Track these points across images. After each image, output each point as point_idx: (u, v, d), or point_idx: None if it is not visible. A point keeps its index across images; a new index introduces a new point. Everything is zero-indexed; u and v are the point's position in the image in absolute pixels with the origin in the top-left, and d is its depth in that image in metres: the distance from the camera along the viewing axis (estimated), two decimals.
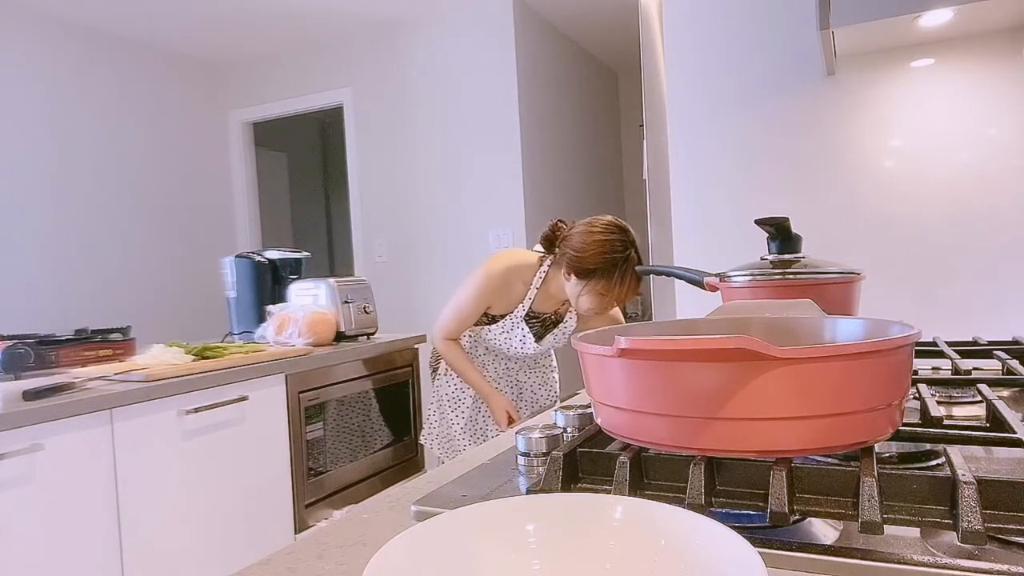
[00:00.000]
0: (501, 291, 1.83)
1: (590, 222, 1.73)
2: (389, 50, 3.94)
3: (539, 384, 2.08)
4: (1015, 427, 0.54)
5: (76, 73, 3.65)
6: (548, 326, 1.92)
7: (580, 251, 1.68)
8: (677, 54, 1.50)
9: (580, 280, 1.70)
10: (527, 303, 1.83)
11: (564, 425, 0.73)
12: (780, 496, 0.43)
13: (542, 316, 1.89)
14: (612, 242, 1.68)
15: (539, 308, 1.87)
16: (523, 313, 1.84)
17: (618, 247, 1.68)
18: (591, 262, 1.67)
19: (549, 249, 1.80)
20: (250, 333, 2.39)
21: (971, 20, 1.16)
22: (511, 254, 1.90)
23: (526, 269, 1.84)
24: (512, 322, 1.85)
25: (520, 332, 1.85)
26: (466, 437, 1.93)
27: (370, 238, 4.06)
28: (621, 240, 1.69)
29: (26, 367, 1.80)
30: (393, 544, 0.36)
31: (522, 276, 1.83)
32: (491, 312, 1.86)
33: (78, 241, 3.61)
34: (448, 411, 1.95)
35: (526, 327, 1.85)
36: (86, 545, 1.51)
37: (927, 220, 1.29)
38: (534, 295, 1.83)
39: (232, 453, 1.87)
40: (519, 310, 1.84)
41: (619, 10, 3.83)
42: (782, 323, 0.65)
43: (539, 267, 1.83)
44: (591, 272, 1.68)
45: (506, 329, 1.86)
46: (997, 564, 0.38)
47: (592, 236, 1.68)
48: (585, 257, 1.67)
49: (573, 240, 1.71)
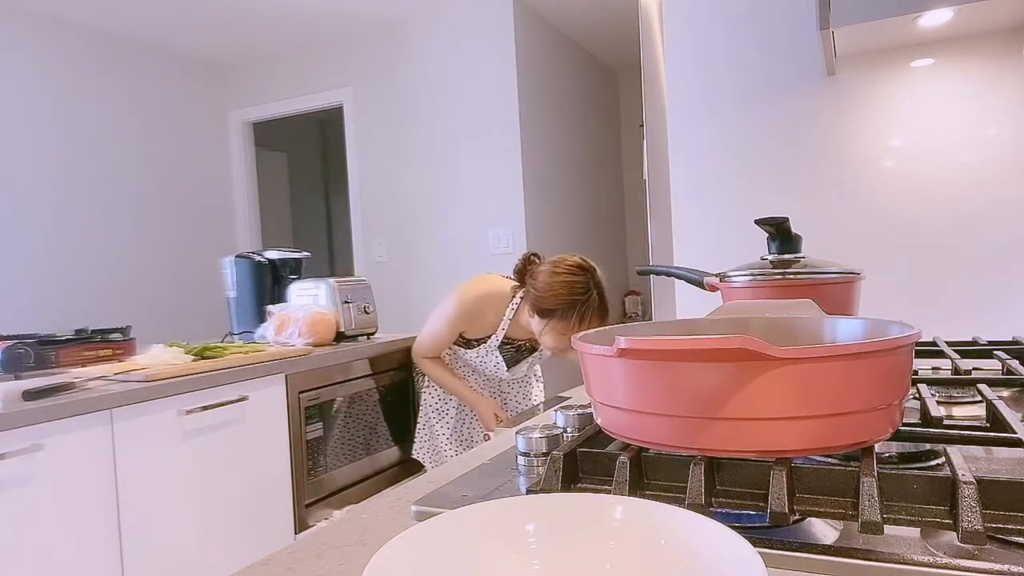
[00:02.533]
0: (473, 317, 1.83)
1: (555, 262, 1.72)
2: (389, 50, 3.94)
3: (522, 396, 2.09)
4: (1015, 427, 0.54)
5: (76, 73, 3.65)
6: (523, 352, 1.92)
7: (542, 291, 1.68)
8: (677, 54, 1.50)
9: (541, 319, 1.70)
10: (500, 334, 1.84)
11: (564, 425, 0.73)
12: (780, 496, 0.43)
13: (516, 343, 1.90)
14: (573, 284, 1.66)
15: (513, 335, 1.87)
16: (497, 343, 1.85)
17: (579, 289, 1.66)
18: (550, 303, 1.66)
19: (521, 282, 1.80)
20: (250, 333, 2.38)
21: (971, 20, 1.16)
22: (486, 281, 1.89)
23: (499, 299, 1.84)
24: (487, 349, 1.86)
25: (494, 359, 1.86)
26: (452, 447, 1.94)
27: (370, 238, 4.06)
28: (583, 282, 1.67)
29: (26, 367, 1.79)
30: (393, 544, 0.36)
31: (494, 305, 1.83)
32: (466, 336, 1.87)
33: (78, 241, 3.61)
34: (434, 422, 1.96)
35: (499, 355, 1.86)
36: (86, 545, 1.51)
37: (927, 220, 1.29)
38: (507, 325, 1.83)
39: (232, 453, 1.87)
40: (493, 340, 1.84)
41: (619, 10, 3.83)
42: (782, 323, 0.65)
43: (512, 297, 1.83)
44: (551, 312, 1.67)
45: (481, 355, 1.88)
46: (997, 564, 0.38)
47: (555, 277, 1.67)
48: (546, 297, 1.67)
49: (538, 279, 1.70)
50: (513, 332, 1.85)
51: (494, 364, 1.87)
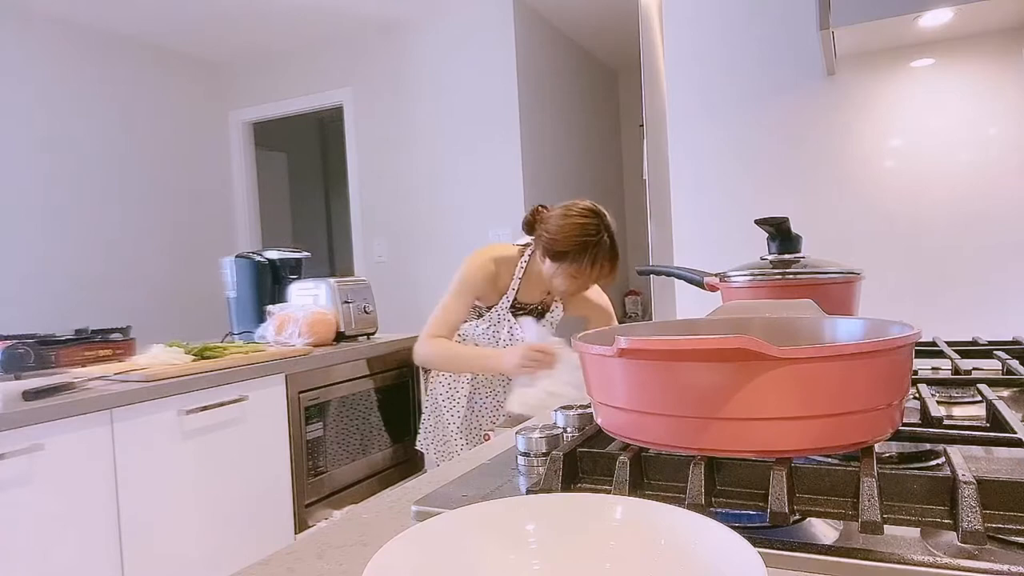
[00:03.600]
0: (488, 279, 1.83)
1: (567, 206, 1.75)
2: (389, 50, 3.94)
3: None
4: (1015, 427, 0.54)
5: (76, 73, 3.65)
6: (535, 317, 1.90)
7: (554, 234, 1.70)
8: (677, 54, 1.50)
9: (553, 263, 1.72)
10: (511, 293, 1.84)
11: (564, 425, 0.73)
12: (780, 496, 0.43)
13: (528, 307, 1.89)
14: (585, 226, 1.69)
15: (524, 299, 1.87)
16: (508, 304, 1.84)
17: (591, 231, 1.69)
18: (563, 245, 1.69)
19: (530, 232, 1.82)
20: (250, 333, 2.38)
21: (971, 20, 1.16)
22: (492, 247, 1.92)
23: (509, 259, 1.86)
24: (499, 314, 1.85)
25: (508, 324, 1.84)
26: (461, 438, 1.92)
27: (370, 238, 4.06)
28: (595, 224, 1.70)
29: (26, 367, 1.79)
30: (393, 544, 0.36)
31: (506, 264, 1.85)
32: (480, 304, 1.86)
33: (78, 241, 3.61)
34: (444, 411, 1.94)
35: (512, 318, 1.85)
36: (86, 545, 1.51)
37: (927, 220, 1.29)
38: (518, 285, 1.84)
39: (232, 453, 1.87)
40: (504, 301, 1.84)
41: (619, 10, 3.83)
42: (782, 323, 0.65)
43: (520, 257, 1.85)
44: (563, 255, 1.70)
45: (493, 322, 1.85)
46: (997, 564, 0.38)
47: (567, 219, 1.71)
48: (558, 240, 1.70)
49: (550, 223, 1.73)
50: (524, 294, 1.85)
51: (508, 329, 1.84)
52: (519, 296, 1.85)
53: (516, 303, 1.86)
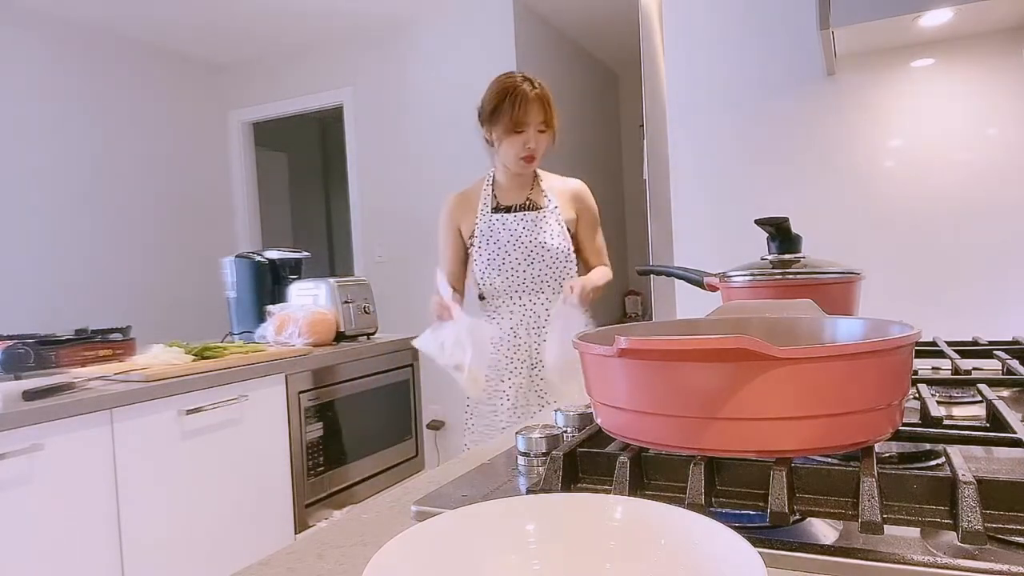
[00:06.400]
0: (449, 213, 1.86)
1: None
2: (389, 50, 3.94)
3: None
4: (1015, 427, 0.54)
5: (76, 73, 3.65)
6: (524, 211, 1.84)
7: (483, 104, 1.77)
8: (677, 54, 1.50)
9: (493, 132, 1.75)
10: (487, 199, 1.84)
11: (564, 425, 0.73)
12: (780, 496, 0.43)
13: (513, 207, 1.83)
14: (501, 80, 1.77)
15: (507, 200, 1.84)
16: (488, 208, 1.82)
17: (507, 80, 1.75)
18: (489, 103, 1.75)
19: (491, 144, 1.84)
20: (250, 333, 2.38)
21: (971, 20, 1.16)
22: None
23: (470, 189, 1.90)
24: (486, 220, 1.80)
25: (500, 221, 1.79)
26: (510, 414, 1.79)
27: (370, 238, 4.06)
28: (510, 75, 1.78)
29: (26, 367, 1.79)
30: (393, 544, 0.36)
31: (469, 192, 1.89)
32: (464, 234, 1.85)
33: (78, 241, 3.61)
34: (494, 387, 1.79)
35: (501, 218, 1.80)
36: (86, 545, 1.51)
37: (927, 220, 1.29)
38: (491, 191, 1.86)
39: (232, 453, 1.87)
40: (482, 207, 1.83)
41: (619, 10, 3.83)
42: (782, 323, 0.65)
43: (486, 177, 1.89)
44: (493, 113, 1.73)
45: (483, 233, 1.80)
46: (997, 564, 0.38)
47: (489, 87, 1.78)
48: (486, 105, 1.76)
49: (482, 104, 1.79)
50: (505, 197, 1.84)
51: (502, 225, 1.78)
52: (500, 200, 1.84)
53: (499, 206, 1.83)
